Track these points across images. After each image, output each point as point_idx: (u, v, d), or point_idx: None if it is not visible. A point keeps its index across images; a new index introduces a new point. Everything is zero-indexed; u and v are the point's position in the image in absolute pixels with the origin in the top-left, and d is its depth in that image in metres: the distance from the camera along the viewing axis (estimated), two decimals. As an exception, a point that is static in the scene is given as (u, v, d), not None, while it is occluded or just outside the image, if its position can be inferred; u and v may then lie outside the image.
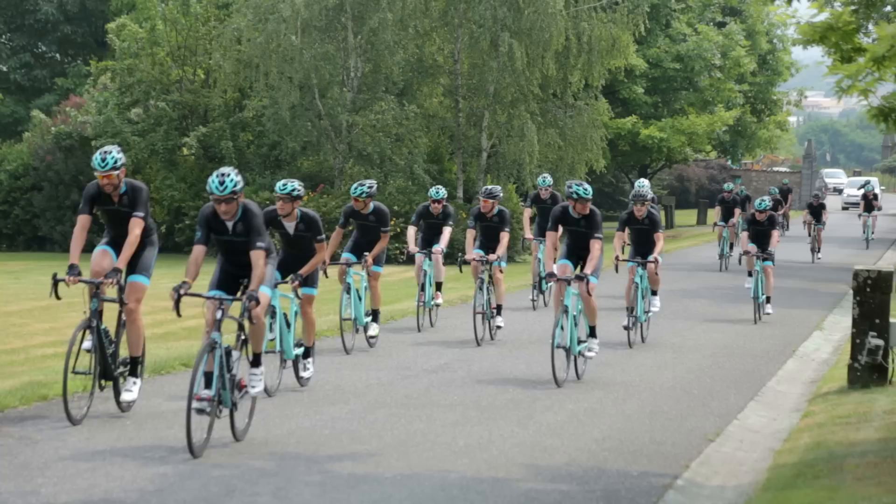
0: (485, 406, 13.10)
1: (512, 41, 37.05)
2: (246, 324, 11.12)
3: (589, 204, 15.12)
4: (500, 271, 19.45)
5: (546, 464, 10.56)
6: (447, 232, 19.54)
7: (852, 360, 14.39)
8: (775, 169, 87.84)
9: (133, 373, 12.07)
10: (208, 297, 11.03)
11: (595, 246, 14.99)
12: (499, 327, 19.24)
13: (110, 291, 11.85)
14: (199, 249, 11.03)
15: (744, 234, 22.87)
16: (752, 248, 22.34)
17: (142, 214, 11.82)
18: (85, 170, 40.95)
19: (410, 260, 25.07)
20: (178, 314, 10.73)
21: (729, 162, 72.23)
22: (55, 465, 9.86)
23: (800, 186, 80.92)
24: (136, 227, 11.79)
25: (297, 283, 13.89)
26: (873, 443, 11.11)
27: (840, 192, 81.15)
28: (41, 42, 58.69)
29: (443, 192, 19.74)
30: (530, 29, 37.43)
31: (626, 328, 18.16)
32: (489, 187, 19.34)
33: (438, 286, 19.89)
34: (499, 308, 19.21)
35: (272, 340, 13.53)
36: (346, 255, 17.38)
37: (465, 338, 18.52)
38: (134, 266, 11.99)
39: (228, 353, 10.77)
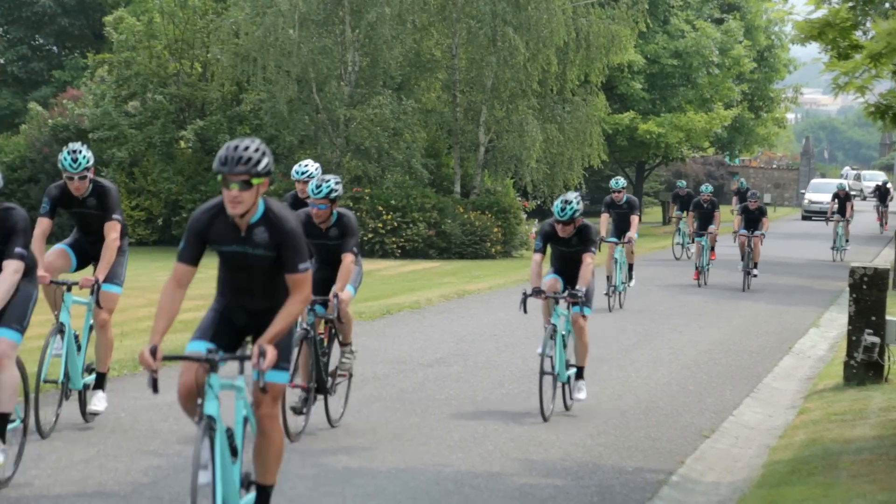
0: (480, 400, 13.08)
1: (514, 36, 37.05)
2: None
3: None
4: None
5: (541, 458, 10.56)
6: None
7: (848, 357, 14.39)
8: (774, 165, 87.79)
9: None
10: None
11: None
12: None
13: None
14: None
15: (536, 258, 12.70)
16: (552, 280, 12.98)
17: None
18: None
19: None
20: None
21: (726, 158, 72.23)
22: (49, 457, 9.84)
23: (797, 183, 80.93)
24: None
25: None
26: (868, 440, 11.10)
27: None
28: (38, 34, 58.58)
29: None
30: (530, 24, 37.42)
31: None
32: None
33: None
34: None
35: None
36: None
37: (460, 332, 18.50)
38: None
39: None
